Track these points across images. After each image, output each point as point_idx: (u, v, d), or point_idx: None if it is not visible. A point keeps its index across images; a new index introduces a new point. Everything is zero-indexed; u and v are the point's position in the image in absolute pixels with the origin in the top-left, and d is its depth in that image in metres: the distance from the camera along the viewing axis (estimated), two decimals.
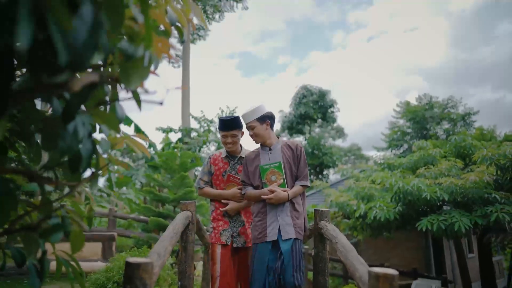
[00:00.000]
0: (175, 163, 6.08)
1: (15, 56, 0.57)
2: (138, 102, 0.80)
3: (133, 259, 1.25)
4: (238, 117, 2.61)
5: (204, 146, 10.58)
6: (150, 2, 0.86)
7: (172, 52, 0.85)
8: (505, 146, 5.80)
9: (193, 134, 10.87)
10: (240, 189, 2.59)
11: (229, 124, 2.57)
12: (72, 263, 1.16)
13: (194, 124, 12.13)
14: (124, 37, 0.74)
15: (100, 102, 0.84)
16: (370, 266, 1.50)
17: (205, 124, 11.72)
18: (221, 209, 2.62)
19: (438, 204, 6.07)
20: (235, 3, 15.35)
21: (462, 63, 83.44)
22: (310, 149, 21.16)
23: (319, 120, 22.64)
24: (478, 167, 5.76)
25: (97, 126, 0.87)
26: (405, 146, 19.09)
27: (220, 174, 2.68)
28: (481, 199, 5.36)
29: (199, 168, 10.42)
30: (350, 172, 9.81)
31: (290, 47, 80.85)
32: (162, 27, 0.85)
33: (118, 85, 0.82)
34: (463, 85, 78.97)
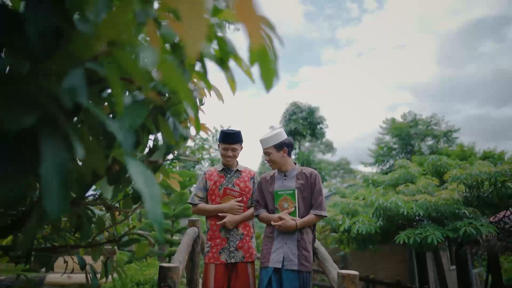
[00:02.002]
0: None
1: None
2: (178, 159, 1.27)
3: (166, 264, 1.72)
4: (240, 131, 2.61)
5: (198, 163, 11.01)
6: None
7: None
8: (477, 165, 6.44)
9: (187, 151, 11.32)
10: (238, 201, 2.54)
11: (232, 138, 2.56)
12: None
13: (189, 141, 12.54)
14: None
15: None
16: None
17: (200, 143, 12.18)
18: (218, 223, 2.50)
19: (416, 218, 6.61)
20: (227, 24, 16.06)
21: (448, 80, 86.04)
22: (300, 164, 21.61)
23: (309, 136, 23.25)
24: (451, 185, 6.35)
25: None
26: (391, 161, 19.76)
27: (216, 188, 2.60)
28: (452, 215, 5.91)
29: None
30: (337, 188, 10.35)
31: (281, 63, 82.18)
32: None
33: None
34: (450, 101, 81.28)
